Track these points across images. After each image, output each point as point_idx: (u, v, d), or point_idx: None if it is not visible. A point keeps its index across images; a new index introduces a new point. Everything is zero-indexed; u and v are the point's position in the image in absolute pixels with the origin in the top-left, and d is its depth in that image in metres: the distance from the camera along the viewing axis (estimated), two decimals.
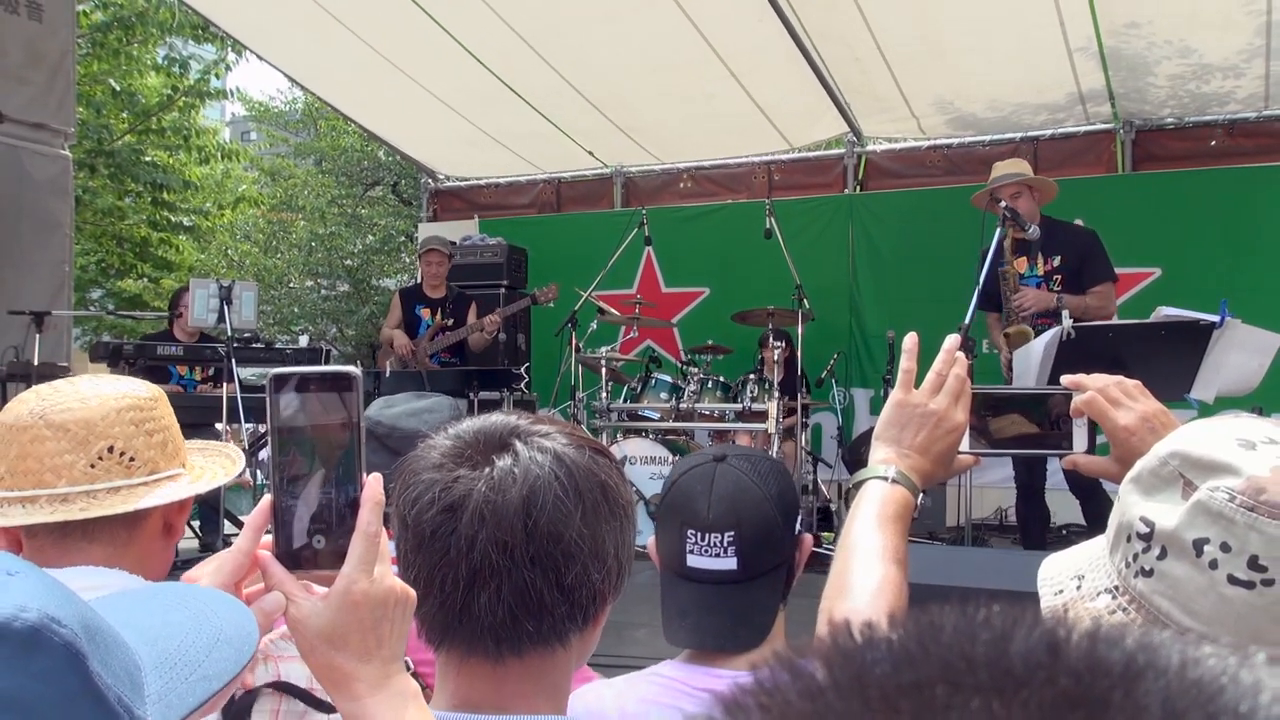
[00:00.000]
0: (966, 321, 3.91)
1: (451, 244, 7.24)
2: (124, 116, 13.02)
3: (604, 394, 6.12)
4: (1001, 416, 1.25)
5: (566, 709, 0.99)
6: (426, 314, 6.84)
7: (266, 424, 0.94)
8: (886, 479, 1.12)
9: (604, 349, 6.38)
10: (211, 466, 1.45)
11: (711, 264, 7.79)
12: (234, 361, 4.89)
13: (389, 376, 6.13)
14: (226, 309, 4.99)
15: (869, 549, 1.06)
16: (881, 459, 1.14)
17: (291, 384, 0.89)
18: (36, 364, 4.90)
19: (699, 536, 1.46)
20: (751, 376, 6.04)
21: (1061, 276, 4.91)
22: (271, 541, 0.89)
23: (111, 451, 1.31)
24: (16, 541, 1.30)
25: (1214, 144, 6.84)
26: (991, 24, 5.95)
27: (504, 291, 7.67)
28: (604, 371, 6.17)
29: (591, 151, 8.13)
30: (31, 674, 0.54)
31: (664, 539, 1.53)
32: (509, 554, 0.91)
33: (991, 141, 7.27)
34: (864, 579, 1.04)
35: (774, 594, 1.48)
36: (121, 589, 0.81)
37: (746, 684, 0.29)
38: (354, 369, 0.91)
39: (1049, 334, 4.07)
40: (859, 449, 6.34)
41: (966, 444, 1.18)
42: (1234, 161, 6.68)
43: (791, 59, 6.43)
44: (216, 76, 13.41)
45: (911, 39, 6.18)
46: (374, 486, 0.88)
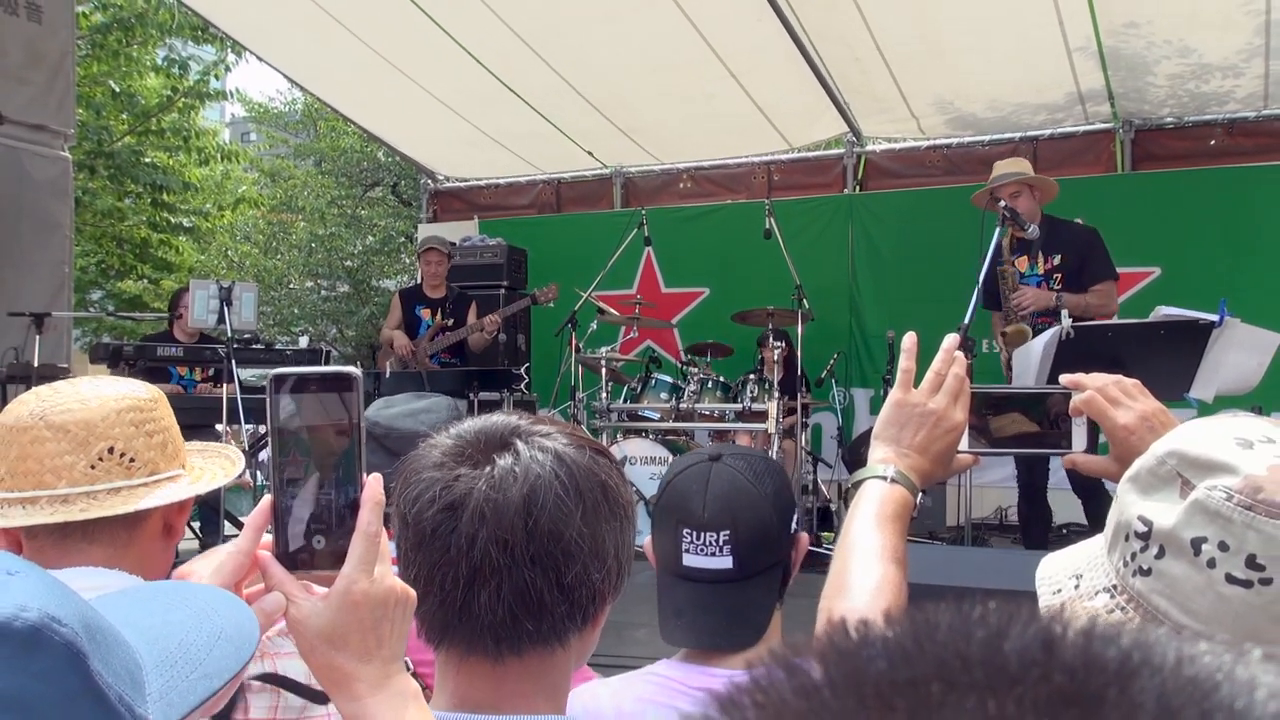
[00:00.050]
0: (966, 321, 3.91)
1: (451, 244, 7.24)
2: (124, 118, 13.00)
3: (604, 394, 6.12)
4: (1001, 416, 1.25)
5: (566, 709, 1.00)
6: (426, 314, 6.84)
7: (266, 424, 0.94)
8: (885, 478, 1.12)
9: (604, 349, 6.38)
10: (211, 467, 1.46)
11: (711, 264, 7.79)
12: (234, 362, 4.89)
13: (389, 377, 6.12)
14: (226, 310, 4.99)
15: (868, 548, 1.06)
16: (880, 458, 1.14)
17: (291, 384, 0.89)
18: (36, 365, 4.90)
19: (694, 536, 1.46)
20: (751, 376, 6.04)
21: (1062, 275, 4.91)
22: (271, 541, 0.89)
23: (112, 452, 1.31)
24: (16, 542, 1.30)
25: (1213, 143, 6.84)
26: (991, 24, 5.95)
27: (504, 292, 7.66)
28: (604, 372, 6.17)
29: (591, 152, 8.12)
30: (32, 673, 0.54)
31: (660, 538, 1.53)
32: (509, 553, 0.91)
33: (991, 141, 7.27)
34: (863, 578, 1.04)
35: (770, 593, 1.48)
36: (122, 589, 0.81)
37: (742, 682, 0.30)
38: (354, 369, 0.91)
39: (1048, 333, 4.07)
40: (859, 449, 6.33)
41: (966, 443, 1.18)
42: (1233, 161, 6.68)
43: (791, 59, 6.43)
44: (216, 78, 13.41)
45: (911, 39, 6.18)
46: (374, 487, 0.88)
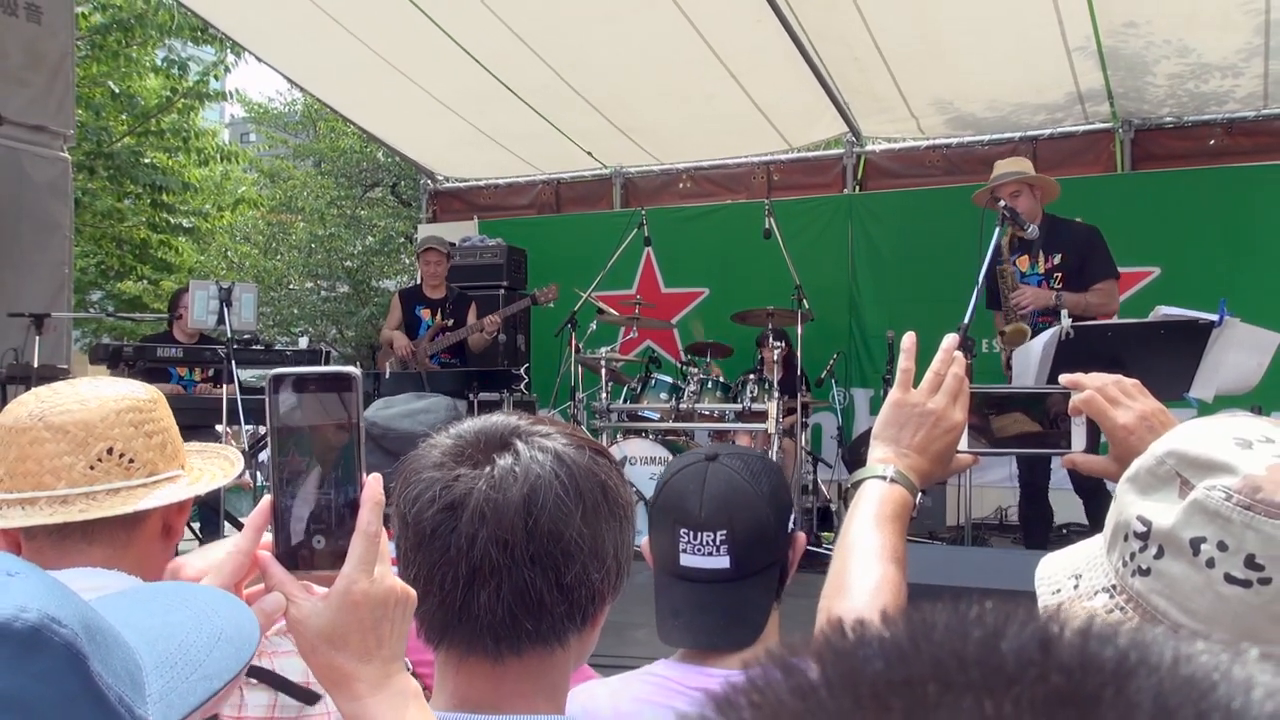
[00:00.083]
0: (966, 321, 3.90)
1: (451, 244, 7.23)
2: (123, 118, 13.00)
3: (604, 394, 6.12)
4: (1000, 416, 1.25)
5: (565, 708, 1.00)
6: (426, 315, 6.84)
7: (266, 425, 0.94)
8: (885, 478, 1.12)
9: (604, 349, 6.37)
10: (210, 468, 1.46)
11: (711, 264, 7.79)
12: (234, 363, 4.89)
13: (389, 378, 6.12)
14: (226, 310, 4.98)
15: (867, 548, 1.07)
16: (880, 458, 1.14)
17: (291, 384, 0.89)
18: (36, 366, 4.89)
19: (692, 535, 1.46)
20: (751, 376, 6.04)
21: (1062, 274, 4.90)
22: (271, 542, 0.89)
23: (111, 453, 1.31)
24: (15, 543, 1.30)
25: (1213, 143, 6.84)
26: (990, 24, 5.95)
27: (504, 292, 7.66)
28: (604, 372, 6.17)
29: (591, 152, 8.12)
30: (32, 674, 0.54)
31: (657, 538, 1.53)
32: (509, 553, 0.91)
33: (990, 141, 7.27)
34: (862, 578, 1.04)
35: (767, 592, 1.48)
36: (121, 590, 0.81)
37: (739, 682, 0.30)
38: (353, 369, 0.91)
39: (1048, 333, 4.06)
40: (859, 449, 6.33)
41: (965, 443, 1.18)
42: (1233, 160, 6.68)
43: (790, 59, 6.43)
44: (215, 78, 13.41)
45: (910, 39, 6.18)
46: (374, 486, 0.88)
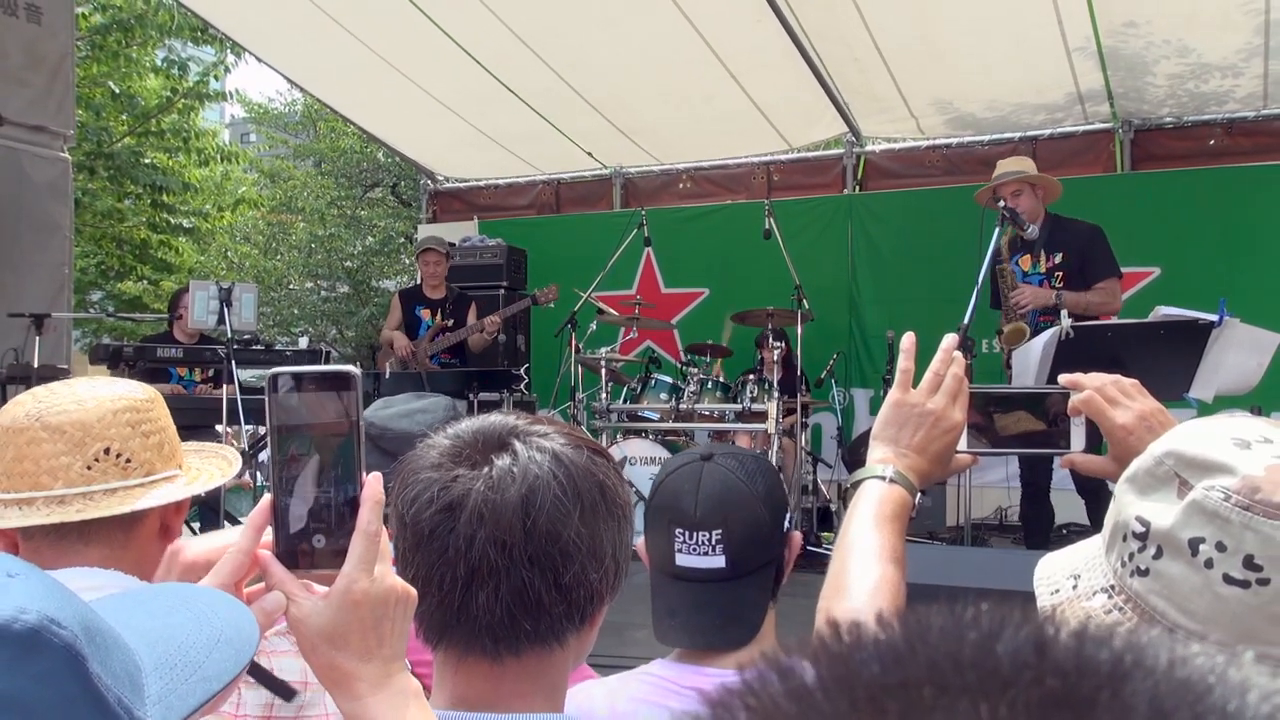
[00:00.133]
0: (966, 321, 3.90)
1: (450, 244, 7.23)
2: (123, 119, 13.00)
3: (604, 395, 6.11)
4: (1000, 416, 1.25)
5: (564, 708, 1.00)
6: (426, 315, 6.84)
7: (266, 424, 0.94)
8: (884, 479, 1.12)
9: (604, 350, 6.37)
10: (208, 468, 1.46)
11: (711, 265, 7.79)
12: (234, 363, 4.89)
13: (389, 378, 6.12)
14: (226, 311, 4.98)
15: (866, 549, 1.07)
16: (879, 459, 1.14)
17: (290, 383, 0.89)
18: (36, 366, 4.89)
19: (687, 535, 1.46)
20: (751, 377, 6.04)
21: (1064, 274, 4.90)
22: (271, 541, 0.89)
23: (108, 453, 1.31)
24: (13, 544, 1.30)
25: (1213, 143, 6.84)
26: (990, 24, 5.95)
27: (504, 292, 7.66)
28: (604, 372, 6.17)
29: (591, 152, 8.12)
30: (31, 676, 0.54)
31: (653, 538, 1.53)
32: (507, 553, 0.92)
33: (990, 141, 7.27)
34: (861, 579, 1.04)
35: (763, 592, 1.48)
36: (121, 590, 0.81)
37: (733, 685, 0.29)
38: (352, 368, 0.91)
39: (1048, 333, 4.06)
40: (859, 449, 6.33)
41: (964, 443, 1.18)
42: (1233, 161, 6.67)
43: (790, 59, 6.43)
44: (215, 78, 13.41)
45: (910, 39, 6.18)
46: (374, 485, 0.88)
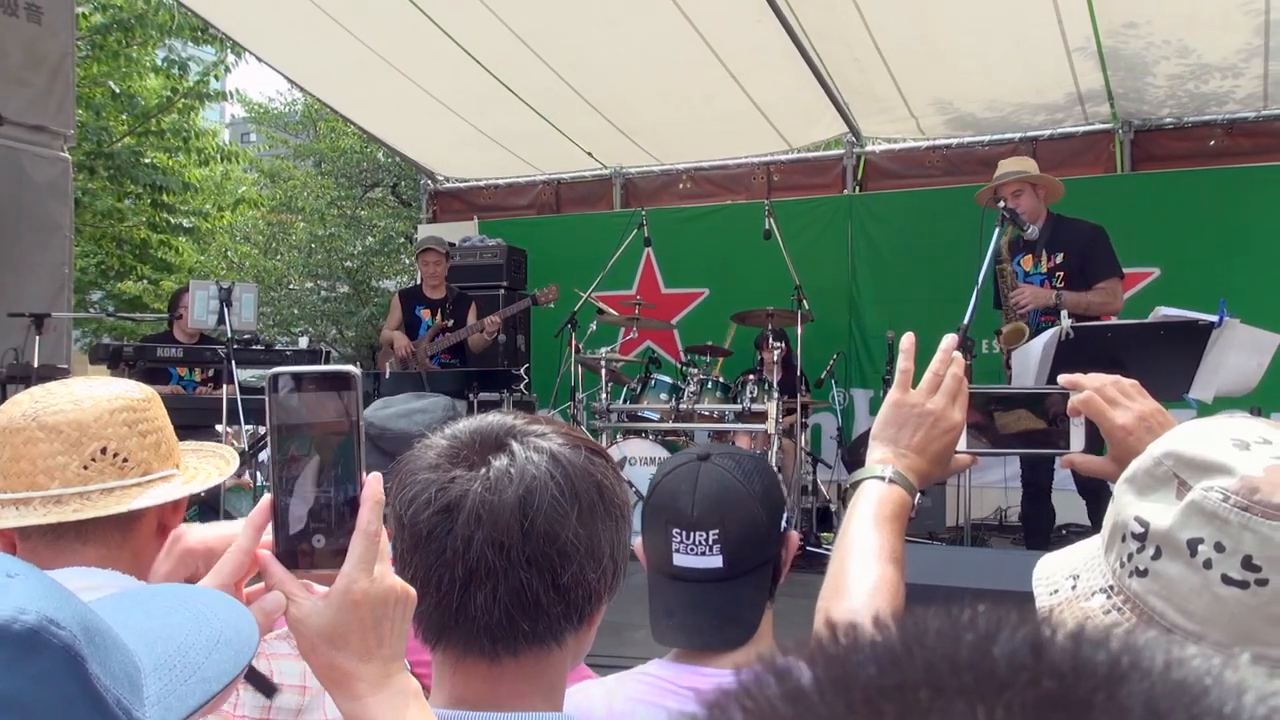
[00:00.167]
0: (965, 321, 3.89)
1: (450, 244, 7.23)
2: (123, 118, 13.00)
3: (604, 395, 6.12)
4: (999, 416, 1.25)
5: (562, 708, 1.00)
6: (426, 315, 6.84)
7: (266, 424, 0.94)
8: (883, 479, 1.12)
9: (603, 350, 6.37)
10: (205, 467, 1.45)
11: (711, 265, 7.79)
12: (234, 363, 4.89)
13: (389, 378, 6.12)
14: (226, 311, 4.98)
15: (866, 549, 1.07)
16: (879, 459, 1.14)
17: (290, 383, 0.89)
18: (36, 366, 4.89)
19: (684, 535, 1.46)
20: (751, 377, 6.04)
21: (1065, 274, 4.90)
22: (271, 541, 0.89)
23: (104, 453, 1.30)
24: (10, 544, 1.30)
25: (1213, 144, 6.84)
26: (990, 24, 5.95)
27: (504, 292, 7.66)
28: (604, 372, 6.17)
29: (591, 153, 8.12)
30: (30, 676, 0.54)
31: (650, 539, 1.53)
32: (505, 554, 0.91)
33: (990, 142, 7.27)
34: (861, 579, 1.04)
35: (760, 591, 1.48)
36: (120, 590, 0.81)
37: (730, 687, 0.29)
38: (352, 368, 0.91)
39: (1048, 334, 4.06)
40: (858, 449, 6.33)
41: (964, 443, 1.18)
42: (1233, 161, 6.67)
43: (790, 59, 6.43)
44: (216, 78, 13.41)
45: (910, 39, 6.18)
46: (374, 485, 0.88)
